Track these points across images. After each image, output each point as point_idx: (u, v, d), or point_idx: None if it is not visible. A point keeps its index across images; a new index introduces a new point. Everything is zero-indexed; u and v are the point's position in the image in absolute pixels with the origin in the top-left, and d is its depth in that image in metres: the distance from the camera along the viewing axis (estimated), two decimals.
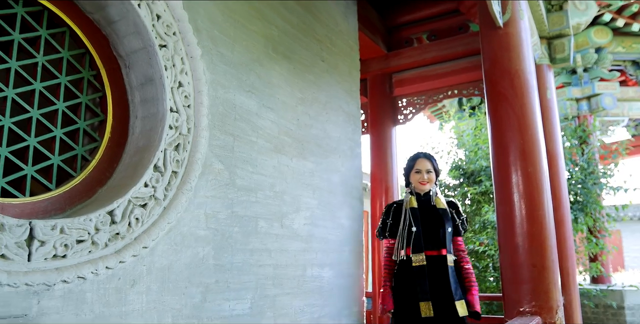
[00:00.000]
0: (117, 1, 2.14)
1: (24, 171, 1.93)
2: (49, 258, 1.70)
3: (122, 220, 1.96)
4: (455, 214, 3.14)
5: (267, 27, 2.91)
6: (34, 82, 2.02)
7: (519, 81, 2.82)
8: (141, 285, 1.96)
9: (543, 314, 2.60)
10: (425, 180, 3.10)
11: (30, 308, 1.59)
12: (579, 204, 6.18)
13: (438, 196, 3.15)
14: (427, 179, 3.09)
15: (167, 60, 2.27)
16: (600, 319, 6.75)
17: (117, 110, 2.29)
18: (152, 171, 2.12)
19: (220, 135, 2.46)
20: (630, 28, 6.77)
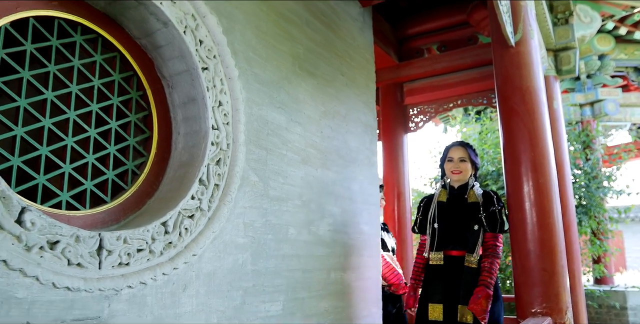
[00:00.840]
0: (165, 29, 2.34)
1: (84, 185, 2.13)
2: (115, 266, 1.89)
3: (173, 230, 2.16)
4: (484, 206, 2.86)
5: (294, 46, 3.10)
6: (91, 104, 2.21)
7: (529, 96, 3.01)
8: (191, 289, 2.16)
9: (554, 315, 2.79)
10: (457, 169, 2.92)
11: (103, 310, 1.79)
12: (583, 207, 6.38)
13: (474, 189, 2.94)
14: (459, 169, 2.92)
15: (208, 82, 2.46)
16: (603, 319, 6.95)
17: (161, 127, 2.49)
18: (197, 184, 2.31)
19: (255, 149, 2.65)
20: (633, 36, 6.96)
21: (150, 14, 2.28)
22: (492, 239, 2.84)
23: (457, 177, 2.96)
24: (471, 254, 2.81)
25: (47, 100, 2.02)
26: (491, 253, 2.81)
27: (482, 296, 2.66)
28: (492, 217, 2.84)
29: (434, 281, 2.90)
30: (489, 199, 2.88)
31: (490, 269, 2.76)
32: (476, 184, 2.99)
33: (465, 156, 2.96)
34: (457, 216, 2.91)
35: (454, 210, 2.94)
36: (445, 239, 2.90)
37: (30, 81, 1.96)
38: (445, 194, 3.01)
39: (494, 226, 2.84)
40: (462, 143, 3.04)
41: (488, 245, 2.84)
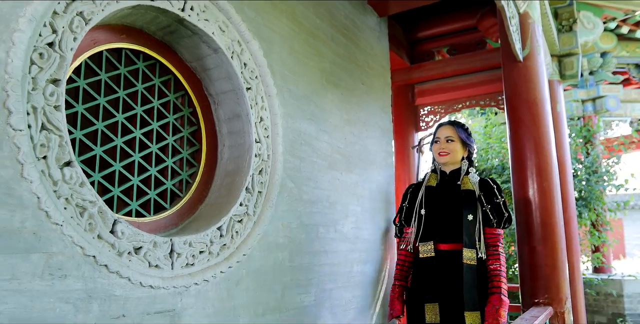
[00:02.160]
0: (215, 54, 2.64)
1: (148, 195, 2.45)
2: (184, 266, 2.22)
3: (227, 234, 2.49)
4: (485, 197, 2.56)
5: (321, 60, 3.40)
6: (152, 123, 2.53)
7: (536, 108, 3.31)
8: (243, 285, 2.50)
9: (554, 305, 3.13)
10: (444, 150, 2.60)
11: (176, 304, 2.13)
12: (583, 200, 6.71)
13: (469, 176, 2.64)
14: (446, 149, 2.60)
15: (251, 100, 2.77)
16: (600, 306, 7.34)
17: (209, 140, 2.80)
18: (244, 192, 2.63)
19: (291, 158, 2.97)
20: (635, 34, 7.22)
21: (202, 42, 2.58)
22: (495, 236, 2.54)
23: (445, 160, 2.61)
24: (470, 249, 2.47)
25: (118, 122, 2.33)
26: (497, 252, 2.52)
27: (500, 307, 2.38)
28: (498, 210, 2.55)
29: (427, 276, 2.55)
30: (489, 189, 2.58)
31: (500, 273, 2.48)
32: (472, 170, 2.68)
33: (453, 135, 2.61)
34: (448, 204, 2.57)
35: (445, 196, 2.59)
36: (434, 229, 2.56)
37: (105, 106, 2.27)
38: (435, 179, 2.68)
39: (500, 221, 2.55)
40: (450, 122, 2.71)
41: (491, 242, 2.53)
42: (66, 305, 1.70)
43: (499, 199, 2.57)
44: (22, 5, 1.68)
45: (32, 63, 1.72)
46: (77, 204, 1.81)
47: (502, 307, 2.40)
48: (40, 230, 1.65)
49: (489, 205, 2.55)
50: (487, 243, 2.54)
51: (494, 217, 2.55)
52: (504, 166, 6.94)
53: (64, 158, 1.79)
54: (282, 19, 3.03)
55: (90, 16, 1.94)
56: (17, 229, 1.58)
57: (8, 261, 1.55)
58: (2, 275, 1.53)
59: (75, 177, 1.81)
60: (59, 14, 1.82)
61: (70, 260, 1.73)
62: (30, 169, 1.64)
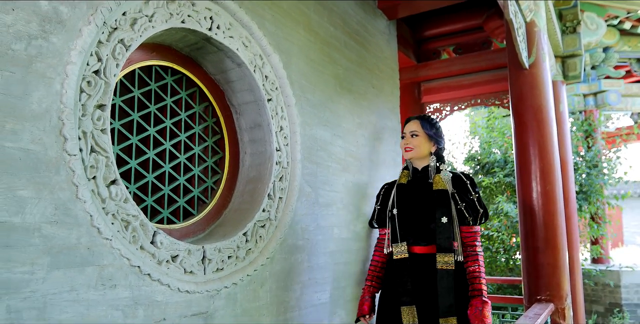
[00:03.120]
0: (238, 68, 2.78)
1: (178, 203, 2.62)
2: (214, 271, 2.40)
3: (251, 239, 2.66)
4: (459, 194, 2.48)
5: (335, 67, 3.54)
6: (180, 134, 2.68)
7: (540, 114, 3.46)
8: (266, 286, 2.68)
9: (555, 301, 3.31)
10: (408, 145, 2.56)
11: (209, 306, 2.31)
12: (583, 193, 6.89)
13: (441, 174, 2.54)
14: (410, 145, 2.55)
15: (272, 111, 2.92)
16: (598, 296, 7.57)
17: (231, 148, 2.96)
18: (267, 199, 2.80)
19: (309, 164, 3.13)
20: (637, 29, 7.30)
21: (227, 57, 2.72)
22: (472, 235, 2.47)
23: (409, 155, 2.57)
24: (445, 253, 2.41)
25: (150, 135, 2.49)
26: (475, 253, 2.46)
27: (484, 308, 2.35)
28: (472, 207, 2.47)
29: (402, 278, 2.48)
30: (462, 185, 2.49)
31: (480, 274, 2.42)
32: (443, 166, 2.57)
33: (418, 130, 2.55)
34: (420, 204, 2.50)
35: (417, 196, 2.52)
36: (407, 230, 2.50)
37: (138, 121, 2.43)
38: (407, 176, 2.62)
39: (475, 218, 2.47)
40: (417, 116, 2.65)
41: (468, 242, 2.45)
42: (116, 312, 1.88)
43: (472, 195, 2.48)
44: (73, 38, 1.82)
45: (82, 91, 1.87)
46: (122, 219, 1.97)
47: (485, 308, 2.35)
48: (93, 245, 1.82)
49: (464, 203, 2.45)
50: (464, 243, 2.45)
51: (469, 214, 2.45)
52: (506, 159, 7.11)
53: (110, 177, 1.95)
54: (299, 30, 3.16)
55: (130, 43, 2.08)
56: (74, 246, 1.75)
57: (67, 275, 1.72)
58: (63, 287, 1.70)
59: (120, 194, 1.97)
60: (103, 43, 1.96)
61: (119, 271, 1.90)
62: (83, 190, 1.80)
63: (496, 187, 7.16)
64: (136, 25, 2.11)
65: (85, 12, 1.88)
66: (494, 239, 6.95)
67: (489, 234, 6.89)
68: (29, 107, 1.66)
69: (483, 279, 2.43)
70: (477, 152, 7.65)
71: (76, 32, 1.84)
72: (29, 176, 1.64)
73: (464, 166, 7.84)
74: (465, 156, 7.83)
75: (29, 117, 1.66)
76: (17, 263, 1.58)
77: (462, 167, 8.00)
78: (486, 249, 6.88)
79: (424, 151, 2.60)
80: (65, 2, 1.81)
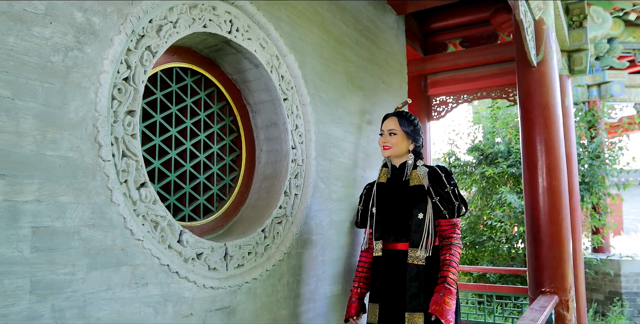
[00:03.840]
0: (255, 69, 2.85)
1: (198, 200, 2.71)
2: (235, 267, 2.50)
3: (269, 235, 2.75)
4: (434, 188, 2.46)
5: (347, 65, 3.60)
6: (200, 134, 2.76)
7: (547, 112, 3.53)
8: (284, 280, 2.78)
9: (559, 294, 3.42)
10: (386, 144, 2.55)
11: (232, 301, 2.41)
12: (585, 184, 6.99)
13: (417, 170, 2.54)
14: (388, 143, 2.55)
15: (288, 110, 2.99)
16: (598, 284, 7.72)
17: (248, 146, 3.04)
18: (283, 196, 2.89)
19: (322, 161, 3.22)
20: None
21: (245, 58, 2.79)
22: (450, 228, 2.45)
23: (388, 153, 2.57)
24: (416, 248, 2.40)
25: (172, 136, 2.57)
26: (449, 243, 2.43)
27: (445, 295, 2.31)
28: (447, 199, 2.45)
29: (373, 276, 2.58)
30: (437, 178, 2.46)
31: (450, 263, 2.38)
32: (420, 162, 2.56)
33: (396, 128, 2.53)
34: (397, 201, 2.51)
35: (394, 193, 2.53)
36: (384, 228, 2.53)
37: (161, 122, 2.51)
38: (386, 174, 2.63)
39: (452, 211, 2.45)
40: (395, 113, 2.63)
41: (445, 234, 2.44)
42: (148, 308, 1.98)
43: (447, 188, 2.45)
44: (105, 48, 1.90)
45: (113, 98, 1.95)
46: (152, 220, 2.07)
47: (446, 295, 2.31)
48: (126, 246, 1.91)
49: (438, 196, 2.43)
50: (442, 236, 2.45)
51: (444, 207, 2.43)
52: (509, 150, 7.19)
53: (140, 180, 2.03)
54: (313, 29, 3.22)
55: (156, 49, 2.16)
56: (109, 247, 1.85)
57: (104, 275, 1.82)
58: (100, 286, 1.80)
59: (149, 196, 2.06)
60: (131, 50, 2.04)
61: (150, 270, 2.00)
62: (117, 194, 1.89)
63: (499, 177, 7.25)
64: (162, 32, 2.18)
65: (116, 22, 1.95)
66: (496, 229, 7.07)
67: (492, 224, 7.00)
68: (67, 117, 1.74)
69: (452, 268, 2.37)
70: (480, 143, 7.73)
71: (108, 42, 1.91)
72: (68, 182, 1.73)
73: (467, 156, 7.93)
74: (469, 146, 7.91)
75: (67, 126, 1.74)
76: (60, 265, 1.68)
77: (465, 158, 8.09)
78: (489, 239, 7.00)
79: (402, 149, 2.59)
80: (97, 13, 1.88)
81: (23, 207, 1.59)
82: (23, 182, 1.59)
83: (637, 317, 7.41)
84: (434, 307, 2.30)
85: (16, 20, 1.61)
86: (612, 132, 8.69)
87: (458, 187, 2.53)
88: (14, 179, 1.57)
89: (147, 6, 2.09)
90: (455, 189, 2.52)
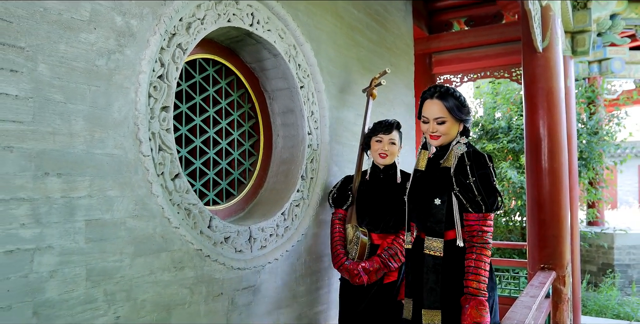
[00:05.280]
0: (274, 58, 2.96)
1: (221, 185, 2.86)
2: (259, 249, 2.67)
3: (288, 217, 2.92)
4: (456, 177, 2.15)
5: (358, 49, 3.70)
6: (221, 121, 2.89)
7: (551, 96, 3.66)
8: (302, 259, 2.97)
9: (557, 270, 3.63)
10: (434, 133, 2.18)
11: (256, 280, 2.60)
12: (583, 160, 7.17)
13: (456, 146, 2.20)
14: (437, 132, 2.18)
15: (304, 97, 3.11)
16: (592, 256, 8.00)
17: (265, 131, 3.17)
18: (300, 180, 3.04)
19: (336, 145, 3.36)
20: None
21: (264, 49, 2.90)
22: (475, 223, 2.11)
23: (438, 142, 2.25)
24: (432, 238, 2.18)
25: (197, 125, 2.70)
26: (473, 244, 2.10)
27: (470, 305, 2.03)
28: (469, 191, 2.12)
29: (407, 269, 2.38)
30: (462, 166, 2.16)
31: (476, 270, 2.06)
32: (463, 139, 2.24)
33: (444, 114, 2.17)
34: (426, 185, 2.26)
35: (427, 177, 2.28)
36: (411, 217, 2.35)
37: (186, 112, 2.63)
38: (424, 160, 2.34)
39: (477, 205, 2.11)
40: (439, 94, 2.19)
41: (469, 231, 2.12)
42: (185, 289, 2.16)
43: (470, 179, 2.11)
44: (143, 49, 2.01)
45: (150, 96, 2.07)
46: (185, 208, 2.22)
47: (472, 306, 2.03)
48: (165, 233, 2.08)
49: (459, 187, 2.12)
50: (467, 231, 2.12)
51: (466, 200, 2.11)
52: (510, 125, 7.32)
53: (175, 171, 2.18)
54: (327, 17, 3.31)
55: (186, 46, 2.27)
56: (151, 235, 2.01)
57: (147, 261, 1.99)
58: (144, 271, 1.97)
59: (183, 186, 2.21)
60: (165, 49, 2.15)
61: (186, 255, 2.17)
62: (156, 186, 2.04)
63: (499, 152, 7.41)
64: (191, 29, 2.29)
65: (151, 23, 2.06)
66: None
67: None
68: (111, 117, 1.88)
69: (475, 276, 2.04)
70: (481, 118, 7.86)
71: (145, 43, 2.03)
72: (114, 177, 1.87)
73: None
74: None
75: (111, 125, 1.87)
76: (110, 253, 1.84)
77: None
78: None
79: (453, 134, 2.23)
80: (135, 16, 1.98)
81: (77, 202, 1.74)
82: (77, 180, 1.74)
83: (628, 287, 7.73)
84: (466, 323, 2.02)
85: (65, 28, 1.73)
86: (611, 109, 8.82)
87: (491, 177, 2.14)
88: (69, 177, 1.72)
89: (178, 5, 2.19)
90: (479, 180, 2.11)
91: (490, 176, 2.14)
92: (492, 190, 2.12)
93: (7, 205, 1.54)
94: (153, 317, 2.00)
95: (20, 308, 1.56)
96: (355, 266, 2.70)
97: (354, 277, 2.70)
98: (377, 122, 3.00)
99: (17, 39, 1.59)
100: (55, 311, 1.66)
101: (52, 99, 1.67)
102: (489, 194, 2.12)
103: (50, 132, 1.66)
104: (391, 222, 2.84)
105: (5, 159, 1.54)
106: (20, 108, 1.58)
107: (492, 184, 2.13)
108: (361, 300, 2.78)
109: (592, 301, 6.66)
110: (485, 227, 2.11)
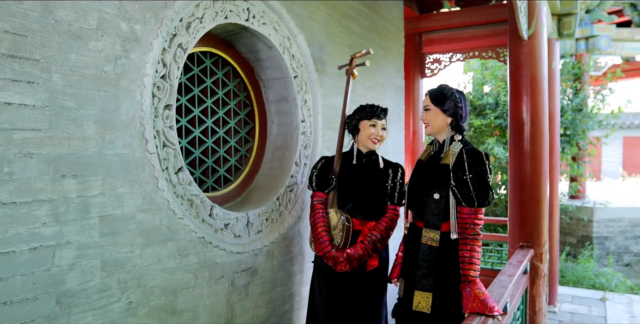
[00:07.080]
0: (268, 50, 3.07)
1: (219, 172, 3.01)
2: (256, 233, 2.85)
3: (283, 202, 3.09)
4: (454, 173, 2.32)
5: (349, 37, 3.80)
6: (219, 111, 3.02)
7: (535, 83, 3.81)
8: (295, 241, 3.16)
9: (535, 248, 3.86)
10: (424, 120, 2.50)
11: (254, 262, 2.79)
12: (566, 136, 7.37)
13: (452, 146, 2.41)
14: (425, 119, 2.50)
15: (297, 86, 3.24)
16: (572, 229, 8.31)
17: (260, 119, 3.31)
18: (294, 166, 3.20)
19: (328, 131, 3.50)
20: None
21: (259, 41, 3.00)
22: (468, 216, 2.31)
23: (428, 130, 2.54)
24: (429, 229, 2.38)
25: (196, 116, 2.83)
26: (466, 236, 2.31)
27: (472, 288, 2.23)
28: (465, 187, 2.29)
29: (404, 253, 2.61)
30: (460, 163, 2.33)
31: (471, 260, 2.27)
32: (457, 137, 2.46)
33: (428, 103, 2.50)
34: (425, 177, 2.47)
35: (426, 169, 2.49)
36: (409, 206, 2.55)
37: (186, 104, 2.76)
38: (428, 152, 2.57)
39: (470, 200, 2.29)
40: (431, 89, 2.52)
41: (462, 223, 2.32)
42: (189, 274, 2.34)
43: (467, 175, 2.27)
44: (146, 52, 2.13)
45: (154, 96, 2.20)
46: (188, 199, 2.38)
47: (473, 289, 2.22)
48: (171, 224, 2.24)
49: (456, 182, 2.29)
50: (460, 224, 2.32)
51: (461, 195, 2.28)
52: (497, 102, 7.47)
53: (178, 165, 2.33)
54: (320, 6, 3.40)
55: (187, 46, 2.38)
56: (158, 227, 2.17)
57: (155, 250, 2.16)
58: (153, 260, 2.15)
59: (185, 178, 2.36)
60: (166, 49, 2.26)
61: (190, 243, 2.34)
62: (162, 182, 2.19)
63: (486, 128, 7.59)
64: (190, 29, 2.40)
65: (154, 26, 2.16)
66: None
67: None
68: (119, 119, 2.01)
69: (471, 265, 2.26)
70: (470, 94, 8.00)
71: (148, 46, 2.14)
72: (124, 175, 2.02)
73: None
74: None
75: (120, 127, 2.01)
76: (122, 245, 2.01)
77: None
78: None
79: (439, 124, 2.45)
80: (139, 21, 2.09)
81: (92, 200, 1.89)
82: (90, 180, 1.89)
83: (604, 259, 8.08)
84: (471, 306, 2.18)
85: (75, 38, 1.84)
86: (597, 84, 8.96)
87: (486, 174, 2.30)
88: (84, 178, 1.86)
89: (179, 7, 2.29)
90: (475, 177, 2.27)
91: (486, 173, 2.31)
92: (486, 186, 2.29)
93: (30, 207, 1.69)
94: (161, 301, 2.19)
95: (44, 299, 1.73)
96: (342, 254, 2.68)
97: (340, 264, 2.69)
98: (371, 105, 2.96)
99: (32, 51, 1.70)
100: (75, 300, 1.83)
101: (65, 106, 1.80)
102: (482, 190, 2.29)
103: (65, 138, 1.80)
104: (375, 209, 2.85)
105: (27, 165, 1.68)
106: (38, 117, 1.71)
107: (487, 181, 2.30)
108: (346, 288, 2.79)
109: (570, 271, 6.98)
110: (477, 220, 2.32)
